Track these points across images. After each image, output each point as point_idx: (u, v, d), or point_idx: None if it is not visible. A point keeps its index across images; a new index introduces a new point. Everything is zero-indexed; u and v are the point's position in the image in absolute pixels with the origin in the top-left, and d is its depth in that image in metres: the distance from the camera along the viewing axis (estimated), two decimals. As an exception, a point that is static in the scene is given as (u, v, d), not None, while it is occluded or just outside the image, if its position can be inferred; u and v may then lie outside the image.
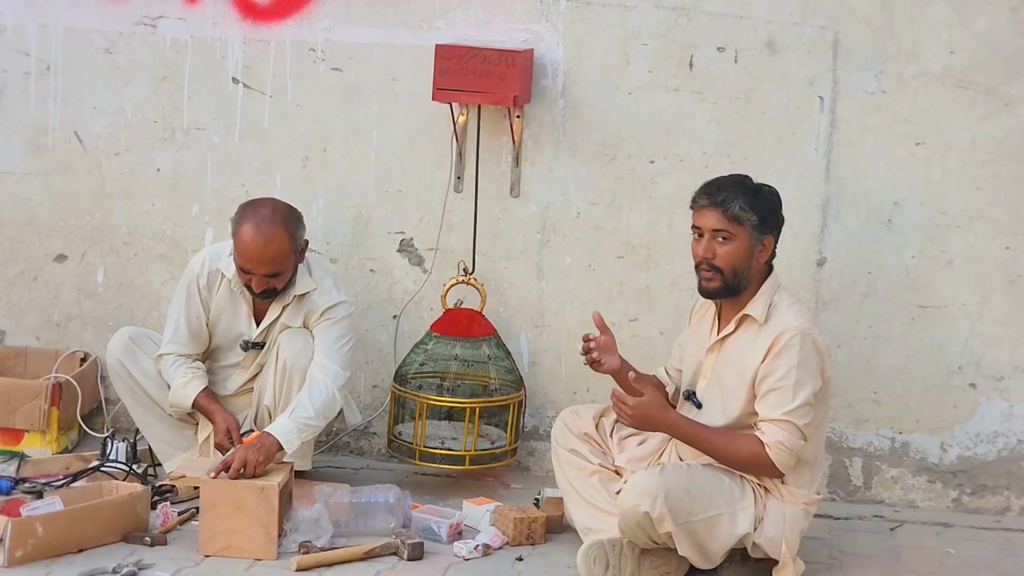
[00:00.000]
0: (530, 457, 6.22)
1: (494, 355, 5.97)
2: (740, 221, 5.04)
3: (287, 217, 5.55)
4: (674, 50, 5.94)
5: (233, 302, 5.73)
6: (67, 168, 6.36)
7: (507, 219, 6.12)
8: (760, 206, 5.07)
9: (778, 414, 4.98)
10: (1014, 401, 5.94)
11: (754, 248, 5.08)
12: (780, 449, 4.97)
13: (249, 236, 5.48)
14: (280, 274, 5.54)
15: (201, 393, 5.68)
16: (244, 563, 5.14)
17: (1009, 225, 5.87)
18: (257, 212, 5.53)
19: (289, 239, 5.51)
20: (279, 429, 5.44)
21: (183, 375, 5.70)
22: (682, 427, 5.09)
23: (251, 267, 5.51)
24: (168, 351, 5.74)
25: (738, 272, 5.08)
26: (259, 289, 5.55)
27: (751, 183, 5.14)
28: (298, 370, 5.61)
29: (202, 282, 5.72)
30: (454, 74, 5.80)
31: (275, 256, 5.49)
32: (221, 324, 5.77)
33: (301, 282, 5.67)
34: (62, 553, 5.11)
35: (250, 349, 5.75)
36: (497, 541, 5.40)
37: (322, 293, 5.70)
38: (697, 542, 4.99)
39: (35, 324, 6.48)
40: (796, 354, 4.99)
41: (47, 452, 6.08)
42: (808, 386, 4.99)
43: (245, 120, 6.24)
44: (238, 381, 5.82)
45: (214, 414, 5.64)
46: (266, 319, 5.71)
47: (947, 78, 5.82)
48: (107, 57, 6.28)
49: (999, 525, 5.88)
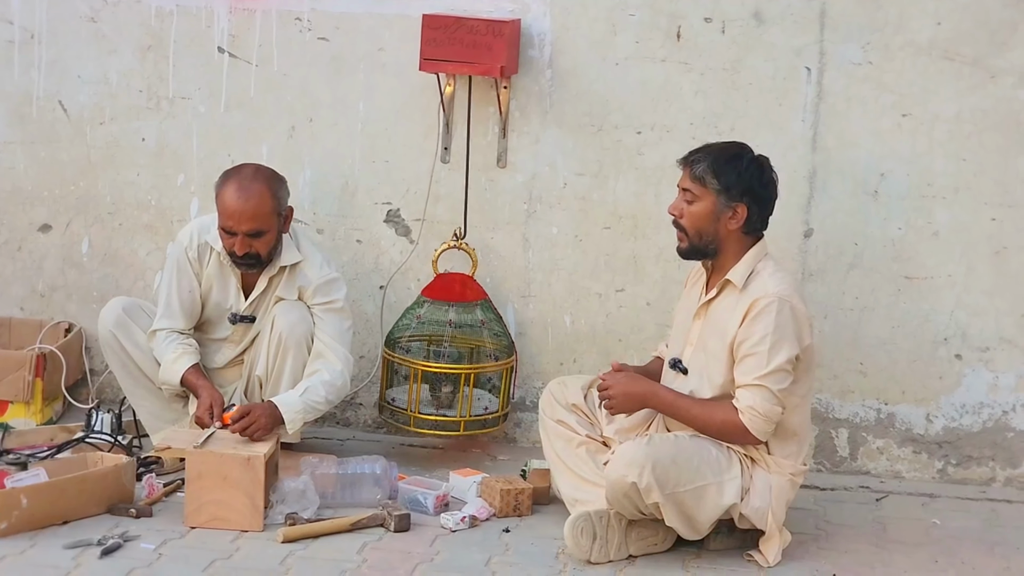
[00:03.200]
0: (517, 428, 6.22)
1: (487, 319, 5.97)
2: (703, 183, 5.08)
3: (270, 177, 5.58)
4: (661, 20, 5.92)
5: (222, 276, 5.72)
6: (51, 137, 6.34)
7: (494, 190, 6.11)
8: (725, 172, 5.07)
9: (751, 379, 5.00)
10: (999, 372, 5.95)
11: (721, 213, 5.09)
12: (753, 415, 4.98)
13: (231, 193, 5.49)
14: (263, 234, 5.52)
15: (190, 369, 5.66)
16: (230, 535, 5.14)
17: (995, 196, 5.87)
18: (240, 172, 5.57)
19: (271, 197, 5.52)
20: (288, 407, 5.48)
21: (173, 351, 5.68)
22: (660, 395, 5.13)
23: (233, 224, 5.50)
24: (161, 327, 5.72)
25: (702, 234, 5.11)
26: (242, 252, 5.53)
27: (735, 150, 5.15)
28: (293, 342, 5.60)
29: (192, 254, 5.70)
30: (441, 44, 5.78)
31: (256, 211, 5.49)
32: (211, 298, 5.75)
33: (287, 253, 5.66)
34: (46, 525, 5.10)
35: (239, 323, 5.74)
36: (484, 513, 5.40)
37: (312, 266, 5.69)
38: (684, 513, 5.00)
39: (19, 294, 6.46)
40: (772, 320, 5.00)
41: (31, 423, 6.06)
42: (783, 351, 5.00)
43: (231, 90, 6.21)
44: (228, 355, 5.81)
45: (200, 389, 5.61)
46: (255, 292, 5.70)
47: (933, 49, 5.81)
48: (92, 26, 6.25)
49: (984, 496, 5.90)
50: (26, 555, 4.92)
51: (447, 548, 5.15)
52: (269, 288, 5.70)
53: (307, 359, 5.63)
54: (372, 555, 5.06)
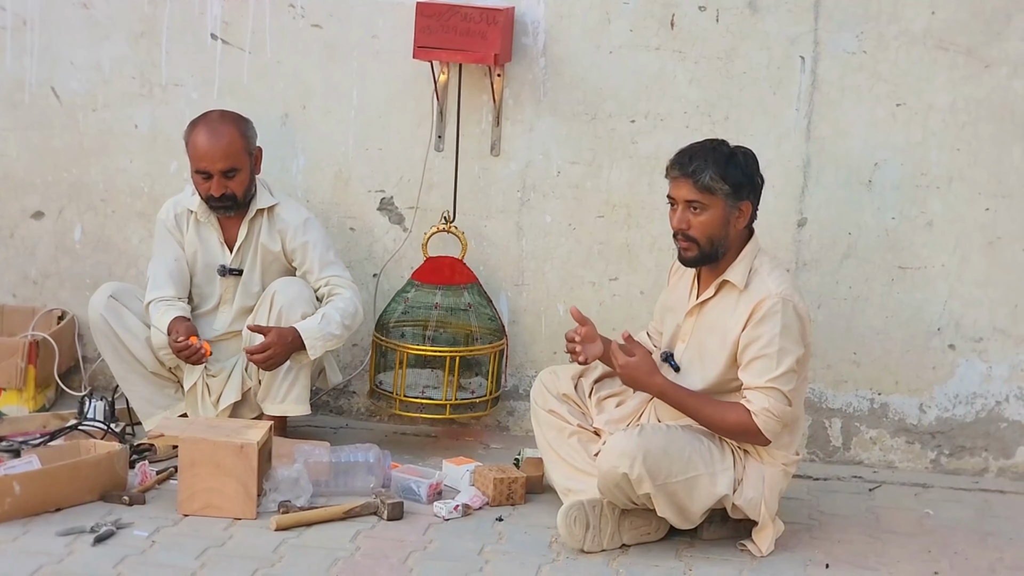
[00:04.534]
0: (510, 417, 6.22)
1: (474, 303, 5.97)
2: (712, 191, 5.00)
3: (236, 119, 5.75)
4: (655, 9, 5.91)
5: (203, 236, 5.80)
6: (44, 124, 6.32)
7: (487, 178, 6.11)
8: (732, 173, 5.01)
9: (763, 381, 4.98)
10: (992, 362, 5.96)
11: (730, 215, 5.05)
12: (767, 416, 4.97)
13: (202, 136, 5.65)
14: (237, 171, 5.65)
15: (176, 318, 5.68)
16: (223, 522, 5.14)
17: (989, 186, 5.87)
18: (207, 116, 5.75)
19: (241, 136, 5.68)
20: (308, 332, 5.59)
21: (163, 311, 5.71)
22: (669, 393, 5.09)
23: (207, 165, 5.63)
24: (154, 297, 5.76)
25: (715, 241, 5.05)
26: (219, 192, 5.64)
27: (725, 149, 5.07)
28: (293, 318, 5.62)
29: (170, 224, 5.81)
30: (435, 32, 5.77)
31: (228, 150, 5.63)
32: (198, 259, 5.82)
33: (262, 196, 5.79)
34: (39, 512, 5.10)
35: (228, 275, 5.79)
36: (477, 501, 5.40)
37: (288, 209, 5.81)
38: (676, 503, 5.00)
39: (12, 281, 6.44)
40: (779, 321, 4.98)
41: (24, 410, 6.06)
42: (792, 353, 4.99)
43: (224, 77, 6.20)
44: (225, 319, 5.84)
45: (176, 323, 5.63)
46: (237, 241, 5.77)
47: (928, 39, 5.81)
48: (84, 12, 6.23)
49: (977, 486, 5.91)
50: (19, 542, 4.91)
51: (440, 536, 5.15)
52: (251, 235, 5.78)
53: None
54: (365, 543, 5.06)
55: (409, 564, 4.92)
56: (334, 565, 4.87)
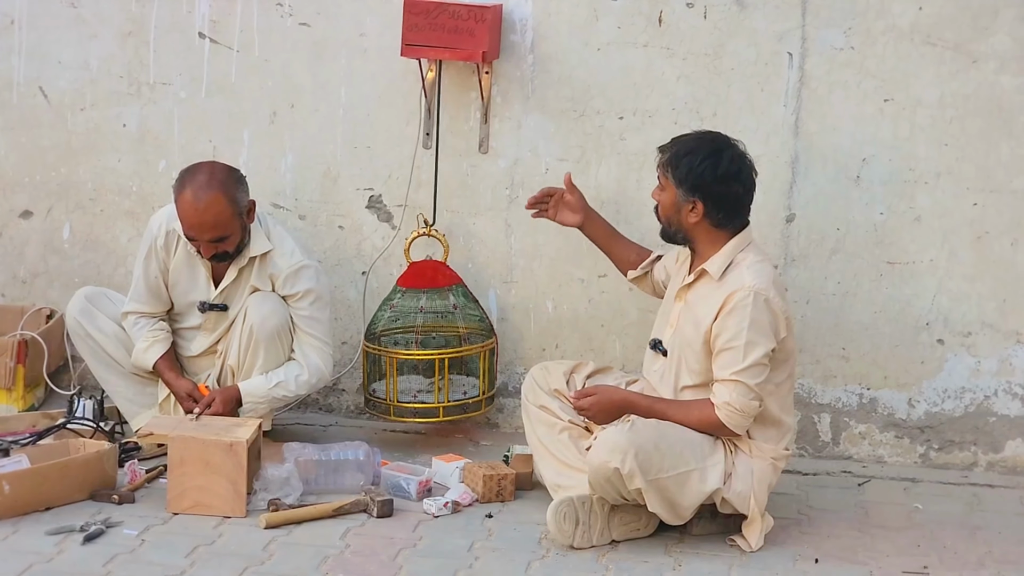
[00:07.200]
0: (499, 414, 6.22)
1: (460, 304, 5.97)
2: (667, 175, 5.15)
3: (224, 181, 5.50)
4: (643, 6, 5.91)
5: (191, 264, 5.71)
6: (32, 123, 6.32)
7: (476, 175, 6.11)
8: (679, 166, 5.11)
9: (728, 374, 5.01)
10: (981, 357, 5.96)
11: (681, 205, 5.12)
12: (729, 410, 5.00)
13: (188, 204, 5.44)
14: (226, 238, 5.51)
15: (160, 359, 5.71)
16: (213, 520, 5.14)
17: (976, 181, 5.87)
18: (194, 179, 5.48)
19: (228, 203, 5.47)
20: (250, 394, 5.60)
21: (145, 339, 5.72)
22: (640, 405, 5.14)
23: (194, 234, 5.50)
24: (131, 309, 5.76)
25: (671, 223, 5.18)
26: (208, 255, 5.55)
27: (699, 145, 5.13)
28: (264, 335, 5.60)
29: (159, 243, 5.70)
30: (423, 29, 5.77)
31: (216, 221, 5.46)
32: (180, 287, 5.75)
33: (257, 243, 5.64)
34: (29, 511, 5.10)
35: (208, 311, 5.73)
36: (467, 498, 5.40)
37: (283, 255, 5.66)
38: (667, 498, 5.00)
39: (0, 280, 6.44)
40: (748, 314, 5.00)
41: (13, 410, 6.05)
42: (760, 346, 5.01)
43: (212, 75, 6.20)
44: (203, 343, 5.80)
45: (171, 383, 5.70)
46: (224, 281, 5.68)
47: (915, 34, 5.81)
48: (72, 11, 6.23)
49: (966, 480, 5.91)
50: (8, 541, 4.91)
51: (430, 533, 5.15)
52: (240, 278, 5.69)
53: (280, 351, 5.66)
54: (355, 541, 5.06)
55: (399, 561, 4.92)
56: (324, 563, 4.87)
